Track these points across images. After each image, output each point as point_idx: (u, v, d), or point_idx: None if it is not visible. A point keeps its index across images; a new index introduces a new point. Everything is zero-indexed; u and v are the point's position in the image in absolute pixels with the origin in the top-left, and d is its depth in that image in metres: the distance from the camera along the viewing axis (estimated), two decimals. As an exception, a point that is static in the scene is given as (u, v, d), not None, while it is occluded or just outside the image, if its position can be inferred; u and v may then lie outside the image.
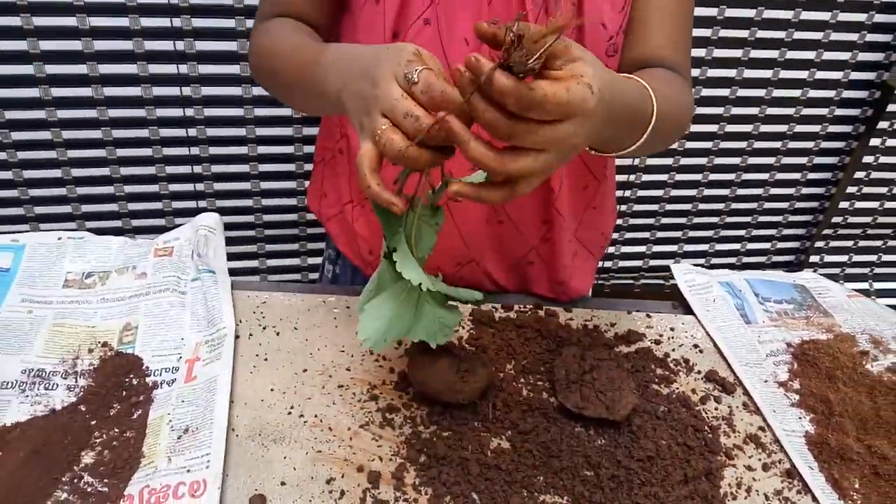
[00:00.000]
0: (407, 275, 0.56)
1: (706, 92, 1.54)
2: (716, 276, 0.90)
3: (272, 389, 0.67)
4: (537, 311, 0.81)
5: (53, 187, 1.42)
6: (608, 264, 1.75)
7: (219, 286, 0.75)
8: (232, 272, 0.80)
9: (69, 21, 1.25)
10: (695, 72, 1.51)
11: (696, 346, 0.80)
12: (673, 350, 0.79)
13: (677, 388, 0.74)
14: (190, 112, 1.38)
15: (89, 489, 0.57)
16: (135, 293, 0.76)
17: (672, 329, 0.82)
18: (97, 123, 1.36)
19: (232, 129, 1.42)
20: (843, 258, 1.80)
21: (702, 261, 1.77)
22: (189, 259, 0.79)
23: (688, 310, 0.85)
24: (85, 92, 1.32)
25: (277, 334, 0.74)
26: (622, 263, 1.76)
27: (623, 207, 1.65)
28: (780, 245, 1.78)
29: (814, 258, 1.78)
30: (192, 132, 1.41)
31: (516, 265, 0.85)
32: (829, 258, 1.79)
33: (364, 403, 0.67)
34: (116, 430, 0.62)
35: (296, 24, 0.74)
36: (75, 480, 0.58)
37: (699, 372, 0.76)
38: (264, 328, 0.74)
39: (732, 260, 1.78)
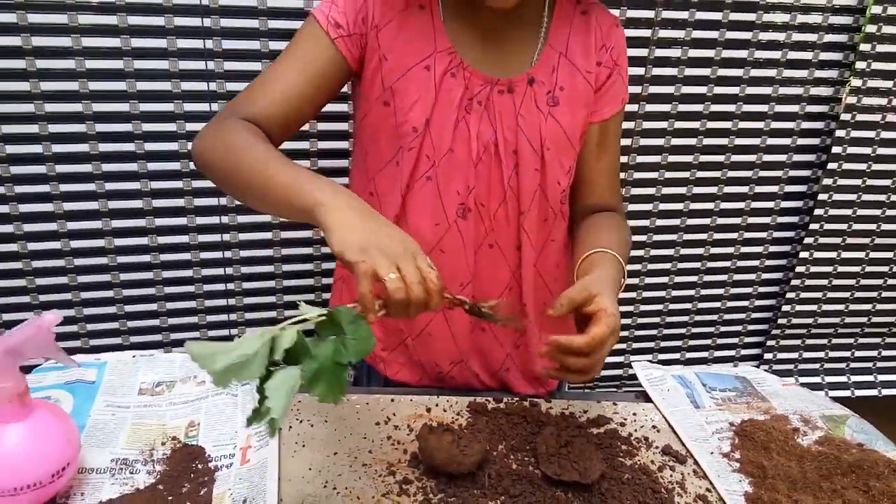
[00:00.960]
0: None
1: (666, 190, 1.75)
2: (669, 370, 1.08)
3: (310, 469, 0.84)
4: (523, 402, 0.99)
5: (106, 307, 1.60)
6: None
7: (264, 389, 0.93)
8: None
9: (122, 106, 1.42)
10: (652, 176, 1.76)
11: (654, 426, 0.97)
12: (635, 430, 0.96)
13: (639, 460, 0.90)
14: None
15: (172, 547, 0.72)
16: (196, 397, 0.93)
17: (634, 413, 0.99)
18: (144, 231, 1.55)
19: (259, 232, 1.61)
20: (794, 355, 2.00)
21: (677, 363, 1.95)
22: (238, 369, 0.97)
23: (647, 398, 1.03)
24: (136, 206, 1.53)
25: (311, 426, 0.91)
26: (605, 372, 1.94)
27: (629, 321, 1.85)
28: (746, 340, 1.98)
29: (767, 356, 1.97)
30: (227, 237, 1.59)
31: (497, 373, 1.06)
32: (781, 355, 1.98)
33: (384, 478, 0.83)
34: (189, 503, 0.78)
35: (258, 131, 0.87)
36: (160, 541, 0.73)
37: (657, 447, 0.93)
38: (301, 421, 0.91)
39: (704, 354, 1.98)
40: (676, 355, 1.94)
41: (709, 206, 1.78)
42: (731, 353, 1.97)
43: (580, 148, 1.01)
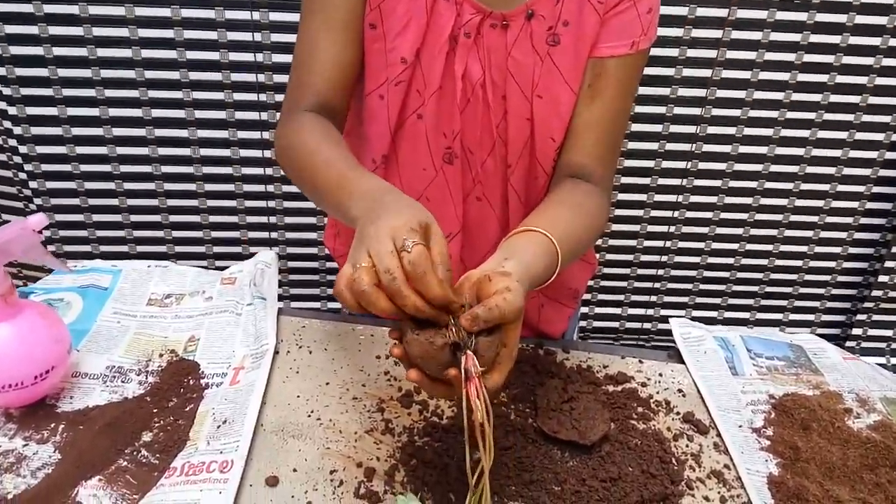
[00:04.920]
0: None
1: (739, 167, 1.61)
2: (712, 331, 0.98)
3: (298, 396, 0.81)
4: (537, 350, 0.92)
5: (150, 214, 1.69)
6: (648, 325, 1.81)
7: (267, 310, 0.91)
8: (280, 301, 0.95)
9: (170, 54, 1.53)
10: (722, 166, 1.58)
11: (679, 390, 0.88)
12: (657, 392, 0.87)
13: (654, 426, 0.82)
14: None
15: (144, 460, 0.72)
16: (201, 312, 0.92)
17: (660, 374, 0.90)
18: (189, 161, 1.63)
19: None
20: (889, 332, 1.79)
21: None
22: (247, 287, 0.95)
23: (680, 359, 0.93)
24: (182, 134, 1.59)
25: (310, 353, 0.88)
26: (661, 326, 1.82)
27: (661, 272, 1.72)
28: (824, 318, 1.79)
29: (856, 331, 1.78)
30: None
31: None
32: (872, 332, 1.78)
33: (372, 413, 0.79)
34: (172, 417, 0.77)
35: (326, 128, 0.80)
36: (134, 453, 0.73)
37: (678, 413, 0.84)
38: (300, 347, 0.89)
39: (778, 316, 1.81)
40: (746, 314, 1.79)
41: (798, 151, 1.60)
42: (811, 317, 1.79)
43: None
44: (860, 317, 1.76)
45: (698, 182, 1.64)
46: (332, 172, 0.73)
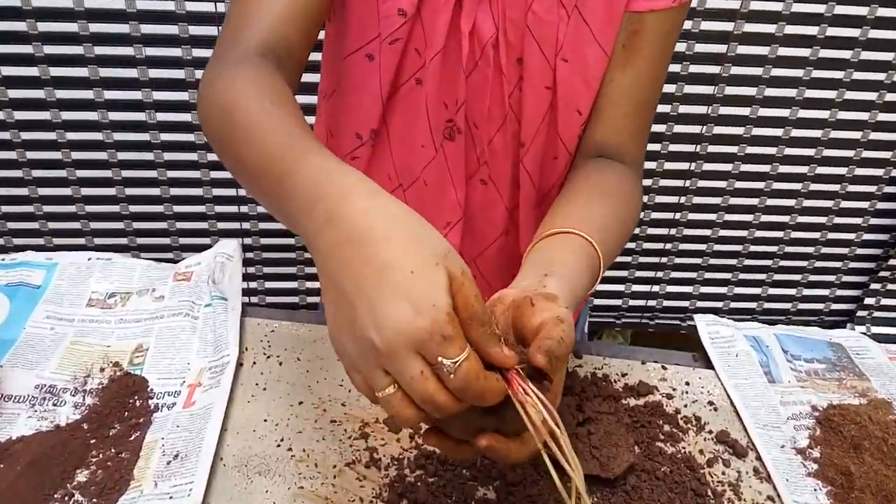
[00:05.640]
0: None
1: (758, 131, 1.48)
2: (742, 329, 0.86)
3: (266, 420, 0.68)
4: (545, 356, 0.79)
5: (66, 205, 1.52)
6: (653, 303, 1.70)
7: (229, 313, 0.77)
8: (244, 299, 0.81)
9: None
10: (745, 111, 1.45)
11: (710, 402, 0.76)
12: (685, 406, 0.75)
13: (684, 448, 0.70)
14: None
15: (77, 508, 0.59)
16: (151, 315, 0.78)
17: (687, 383, 0.78)
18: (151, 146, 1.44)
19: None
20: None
21: (753, 304, 1.70)
22: (205, 285, 0.81)
23: (708, 363, 0.81)
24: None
25: (280, 364, 0.75)
26: (667, 303, 1.71)
27: (669, 246, 1.60)
28: (839, 292, 1.69)
29: (870, 300, 1.68)
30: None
31: None
32: (886, 301, 1.68)
33: (354, 441, 0.67)
34: (113, 450, 0.64)
35: (272, 82, 0.58)
36: (66, 498, 0.60)
37: (710, 431, 0.73)
38: (268, 357, 0.75)
39: (787, 305, 1.70)
40: (758, 290, 1.68)
41: (824, 114, 1.46)
42: (825, 291, 1.68)
43: None
44: (874, 285, 1.65)
45: (712, 148, 1.51)
46: (273, 150, 0.51)
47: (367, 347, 0.42)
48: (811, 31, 1.38)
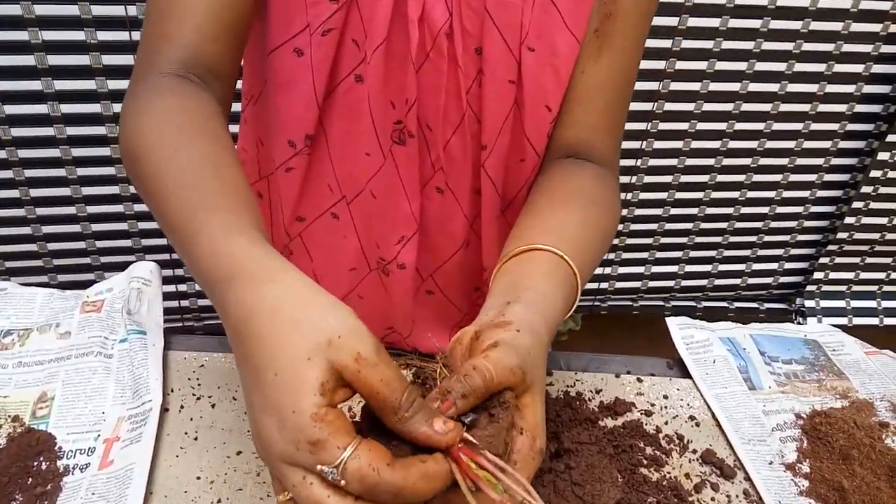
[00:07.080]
0: None
1: (708, 107, 1.43)
2: (717, 330, 0.80)
3: (198, 477, 0.59)
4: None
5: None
6: (605, 285, 1.66)
7: (148, 350, 0.66)
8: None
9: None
10: (695, 85, 1.40)
11: (692, 417, 0.71)
12: (666, 423, 0.70)
13: (668, 473, 0.64)
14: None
15: None
16: (55, 356, 0.67)
17: (665, 397, 0.73)
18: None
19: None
20: (850, 275, 1.70)
21: (704, 282, 1.68)
22: (119, 315, 0.70)
23: (684, 371, 0.76)
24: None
25: (213, 406, 0.65)
26: (618, 285, 1.67)
27: (621, 227, 1.55)
28: (787, 266, 1.69)
29: (818, 275, 1.68)
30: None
31: (452, 330, 0.80)
32: (834, 275, 1.69)
33: (304, 497, 0.58)
34: (14, 530, 0.54)
35: (194, 104, 0.53)
36: None
37: (694, 451, 0.67)
38: (198, 398, 0.65)
39: (737, 281, 1.68)
40: (708, 267, 1.65)
41: (773, 87, 1.43)
42: (773, 265, 1.67)
43: None
44: (823, 260, 1.66)
45: (654, 128, 1.45)
46: (180, 210, 0.46)
47: (269, 436, 0.38)
48: (754, 24, 1.36)
